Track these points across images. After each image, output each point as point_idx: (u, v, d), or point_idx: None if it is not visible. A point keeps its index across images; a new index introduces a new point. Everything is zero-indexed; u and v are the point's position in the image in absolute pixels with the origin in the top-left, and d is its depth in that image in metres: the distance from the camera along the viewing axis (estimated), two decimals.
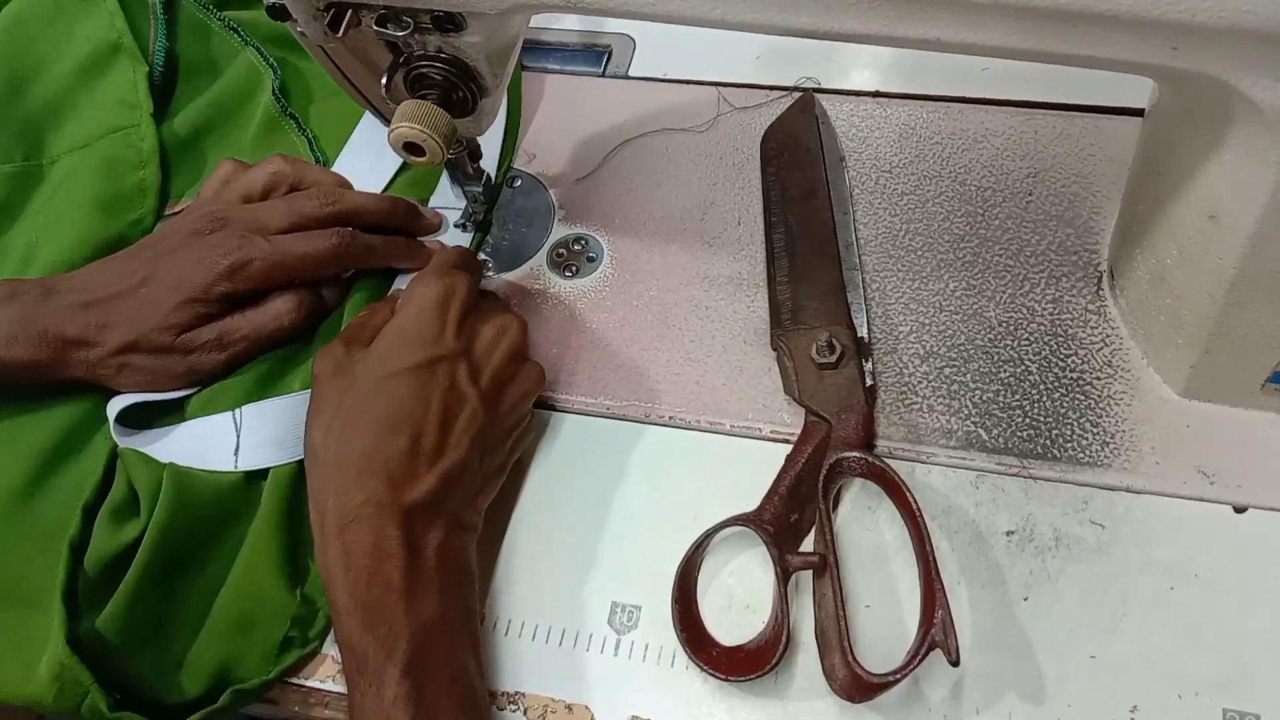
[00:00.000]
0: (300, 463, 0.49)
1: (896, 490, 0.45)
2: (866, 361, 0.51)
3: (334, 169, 0.61)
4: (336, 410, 0.44)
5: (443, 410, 0.43)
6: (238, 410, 0.51)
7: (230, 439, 0.50)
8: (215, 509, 0.49)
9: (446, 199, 0.61)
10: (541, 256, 0.58)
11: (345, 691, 0.45)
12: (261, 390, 0.52)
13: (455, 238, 0.59)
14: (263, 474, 0.50)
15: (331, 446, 0.43)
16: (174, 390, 0.53)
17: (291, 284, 0.53)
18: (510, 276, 0.58)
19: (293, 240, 0.52)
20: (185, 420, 0.52)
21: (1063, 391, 0.50)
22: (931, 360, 0.52)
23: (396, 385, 0.43)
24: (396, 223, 0.57)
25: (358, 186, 0.58)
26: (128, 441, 0.51)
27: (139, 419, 0.52)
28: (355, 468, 0.42)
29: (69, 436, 0.52)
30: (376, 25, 0.44)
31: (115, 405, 0.51)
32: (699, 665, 0.44)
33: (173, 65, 0.67)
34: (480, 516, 0.46)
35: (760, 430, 0.50)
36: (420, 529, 0.42)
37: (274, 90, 0.64)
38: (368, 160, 0.62)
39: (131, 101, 0.64)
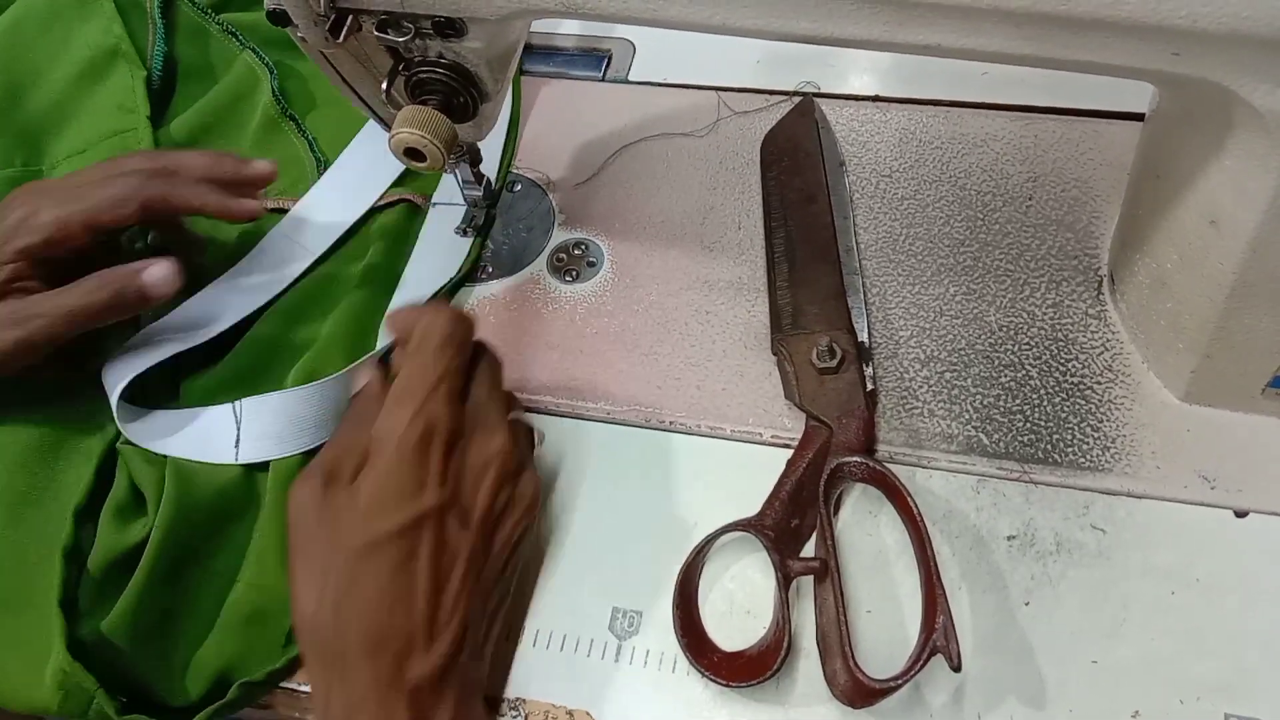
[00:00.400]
0: (302, 455, 0.49)
1: (897, 495, 0.45)
2: (867, 366, 0.51)
3: (334, 169, 0.61)
4: (326, 578, 0.40)
5: (436, 576, 0.40)
6: (237, 403, 0.51)
7: (230, 432, 0.50)
8: (218, 505, 0.49)
9: (449, 197, 0.61)
10: (541, 261, 0.58)
11: None
12: (245, 383, 0.53)
13: (456, 243, 0.59)
14: (263, 467, 0.50)
15: (327, 624, 0.39)
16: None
17: (111, 256, 0.51)
18: (510, 281, 0.58)
19: (88, 186, 0.49)
20: (179, 408, 0.52)
21: (1063, 396, 0.50)
22: (932, 365, 0.52)
23: (386, 555, 0.39)
24: (223, 176, 0.54)
25: (358, 189, 0.58)
26: (131, 429, 0.50)
27: (136, 401, 0.52)
28: (355, 650, 0.39)
29: (57, 439, 0.52)
30: (377, 31, 0.44)
31: (111, 386, 0.51)
32: (700, 671, 0.44)
33: (171, 69, 0.67)
34: (487, 661, 0.44)
35: (761, 435, 0.50)
36: (429, 708, 0.39)
37: (273, 90, 0.64)
38: (369, 162, 0.62)
39: (130, 106, 0.64)
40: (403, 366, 0.43)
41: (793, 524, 0.47)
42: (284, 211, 0.61)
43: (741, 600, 0.46)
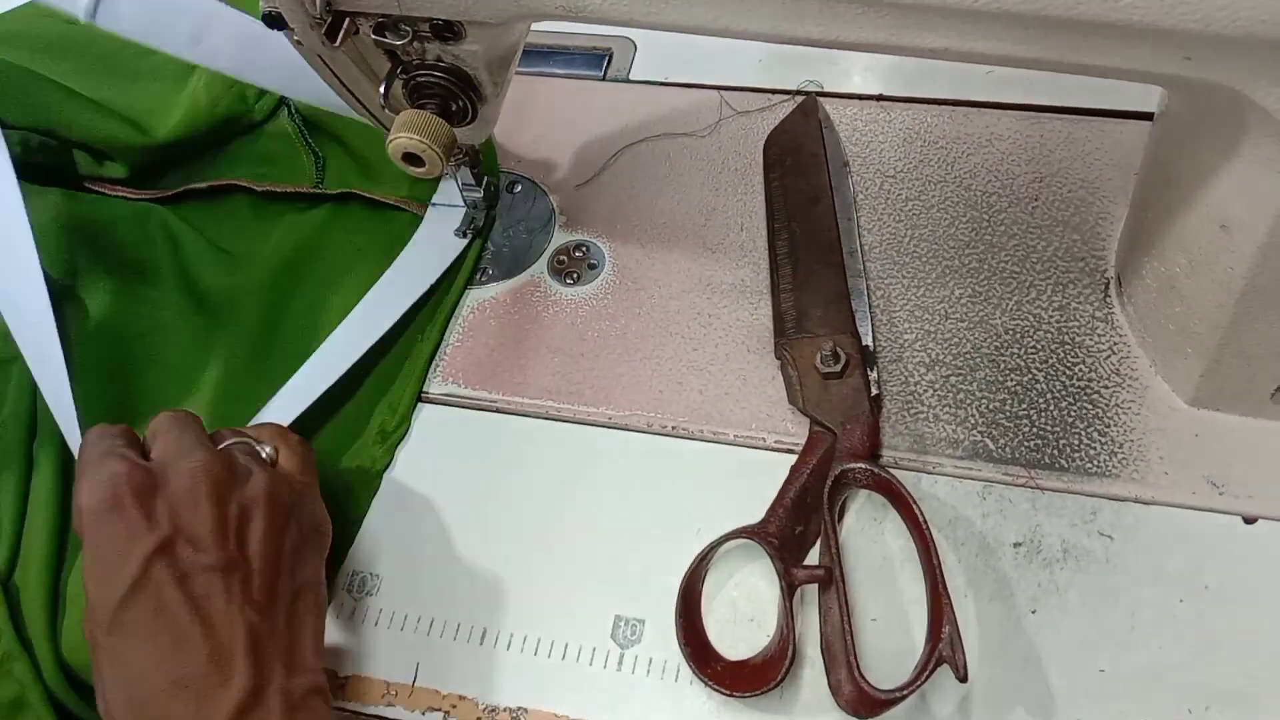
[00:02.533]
0: None
1: (902, 502, 0.45)
2: (871, 370, 0.50)
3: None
4: (100, 675, 0.38)
5: (194, 604, 0.37)
6: None
7: None
8: None
9: (450, 199, 0.60)
10: (542, 264, 0.58)
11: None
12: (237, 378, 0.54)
13: (455, 245, 0.58)
14: None
15: (122, 714, 0.37)
16: None
17: None
18: (510, 284, 0.57)
19: None
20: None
21: (1070, 400, 0.49)
22: (937, 369, 0.51)
23: (132, 616, 0.37)
24: None
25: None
26: None
27: None
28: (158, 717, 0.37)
29: None
30: (374, 34, 0.43)
31: None
32: (703, 680, 0.43)
33: None
34: (319, 659, 0.41)
35: (764, 440, 0.50)
36: None
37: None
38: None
39: None
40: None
41: (797, 531, 0.46)
42: (277, 195, 0.62)
43: (745, 609, 0.46)
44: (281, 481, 0.43)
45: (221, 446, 0.43)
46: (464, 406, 0.53)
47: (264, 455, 0.44)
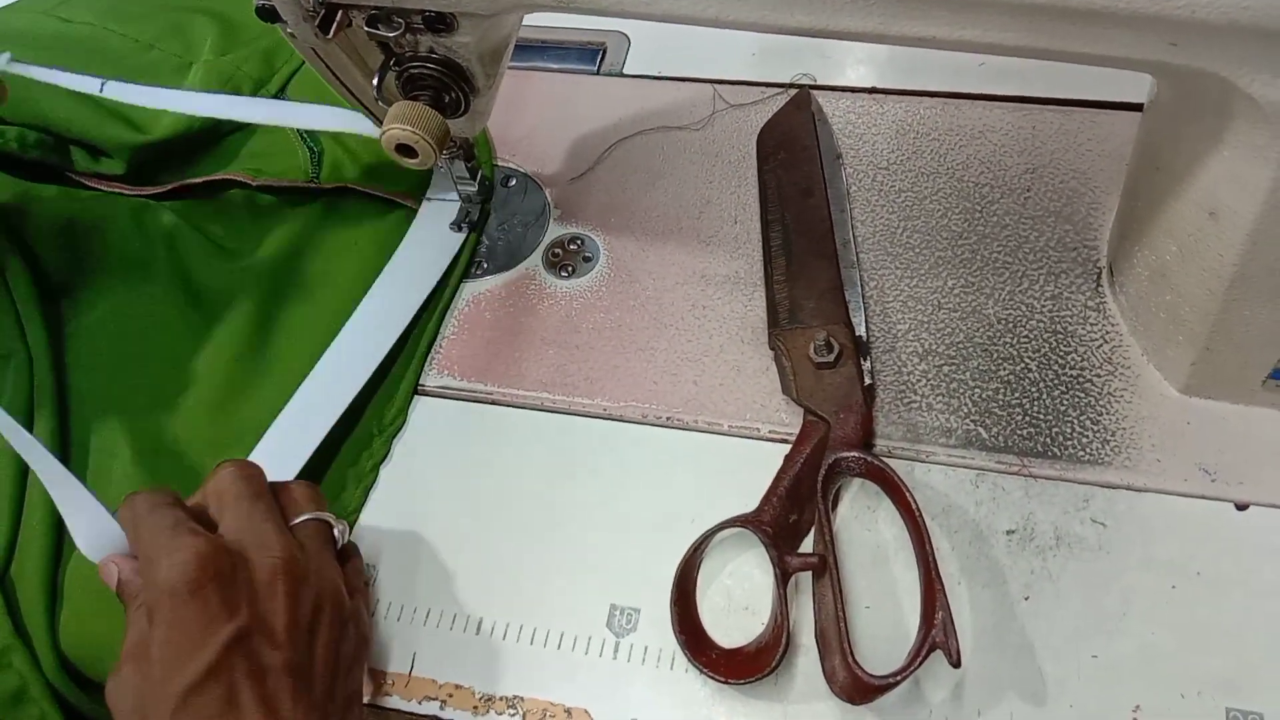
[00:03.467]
0: None
1: (896, 490, 0.45)
2: (865, 360, 0.50)
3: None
4: None
5: (265, 701, 0.37)
6: None
7: None
8: None
9: (444, 193, 0.60)
10: (537, 257, 0.58)
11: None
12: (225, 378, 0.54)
13: (450, 238, 0.58)
14: None
15: None
16: None
17: None
18: (505, 277, 0.57)
19: None
20: None
21: (1062, 389, 0.49)
22: (930, 358, 0.51)
23: (203, 704, 0.36)
24: None
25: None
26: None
27: None
28: None
29: None
30: (367, 26, 0.43)
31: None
32: (698, 668, 0.43)
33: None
34: None
35: (758, 430, 0.50)
36: None
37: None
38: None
39: None
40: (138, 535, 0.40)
41: (791, 520, 0.46)
42: (273, 190, 0.62)
43: (740, 597, 0.46)
44: (343, 581, 0.42)
45: (295, 523, 0.42)
46: (459, 399, 0.53)
47: (336, 534, 0.44)
